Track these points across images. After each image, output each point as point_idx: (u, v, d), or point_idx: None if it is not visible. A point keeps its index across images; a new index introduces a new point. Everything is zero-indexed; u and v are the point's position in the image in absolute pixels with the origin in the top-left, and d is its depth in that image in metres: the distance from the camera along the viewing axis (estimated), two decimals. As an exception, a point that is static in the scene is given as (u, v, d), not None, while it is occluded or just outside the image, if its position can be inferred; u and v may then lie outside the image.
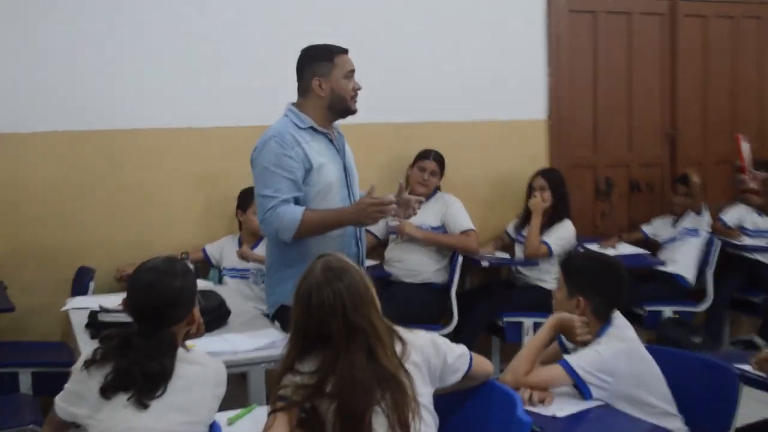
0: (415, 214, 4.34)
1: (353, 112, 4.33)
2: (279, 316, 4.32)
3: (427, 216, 6.20)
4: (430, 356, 3.01)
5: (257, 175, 4.16)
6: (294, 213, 4.04)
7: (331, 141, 4.31)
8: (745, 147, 3.30)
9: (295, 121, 4.20)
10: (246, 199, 5.87)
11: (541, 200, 6.37)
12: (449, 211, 6.26)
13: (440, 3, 6.64)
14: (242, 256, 5.85)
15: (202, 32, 5.97)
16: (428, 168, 6.27)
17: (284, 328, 4.29)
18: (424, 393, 2.94)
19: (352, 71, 4.28)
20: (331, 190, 4.22)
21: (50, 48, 5.66)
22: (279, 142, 4.09)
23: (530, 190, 6.51)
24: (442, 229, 6.28)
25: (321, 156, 4.19)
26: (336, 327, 2.80)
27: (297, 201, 4.11)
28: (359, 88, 4.30)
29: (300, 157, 4.11)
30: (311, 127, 4.22)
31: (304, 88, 4.28)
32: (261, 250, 5.80)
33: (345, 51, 4.30)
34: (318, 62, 4.24)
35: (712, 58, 7.65)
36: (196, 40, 5.96)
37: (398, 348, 2.92)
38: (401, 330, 2.99)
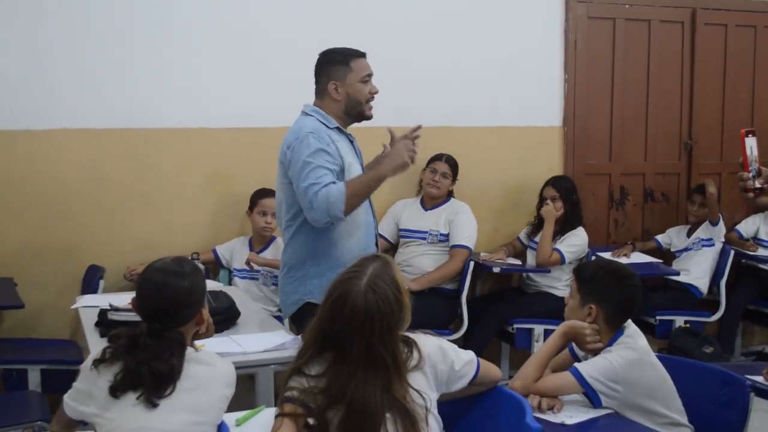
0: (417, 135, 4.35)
1: (368, 117, 4.37)
2: (301, 314, 4.27)
3: (437, 223, 6.20)
4: (437, 362, 2.98)
5: (299, 169, 4.10)
6: (338, 187, 4.03)
7: (351, 142, 4.35)
8: (750, 143, 3.20)
9: (322, 120, 4.23)
10: (254, 199, 5.88)
11: (554, 209, 6.34)
12: (455, 219, 6.25)
13: (456, 7, 6.61)
14: (250, 264, 5.81)
15: (215, 32, 5.97)
16: (440, 169, 6.26)
17: (304, 328, 4.29)
18: (429, 398, 2.91)
19: (369, 75, 4.30)
20: None
21: (62, 46, 5.66)
22: (317, 138, 4.11)
23: (541, 200, 6.48)
24: None
25: (347, 156, 4.24)
26: (357, 350, 2.75)
27: None
28: (376, 92, 4.33)
29: (335, 155, 4.15)
30: (337, 128, 4.26)
31: (320, 92, 4.32)
32: (269, 252, 5.82)
33: (362, 55, 4.32)
34: (335, 66, 4.27)
35: (732, 68, 7.60)
36: (209, 41, 5.96)
37: (415, 357, 2.90)
38: (413, 336, 2.97)
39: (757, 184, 3.22)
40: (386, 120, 5.20)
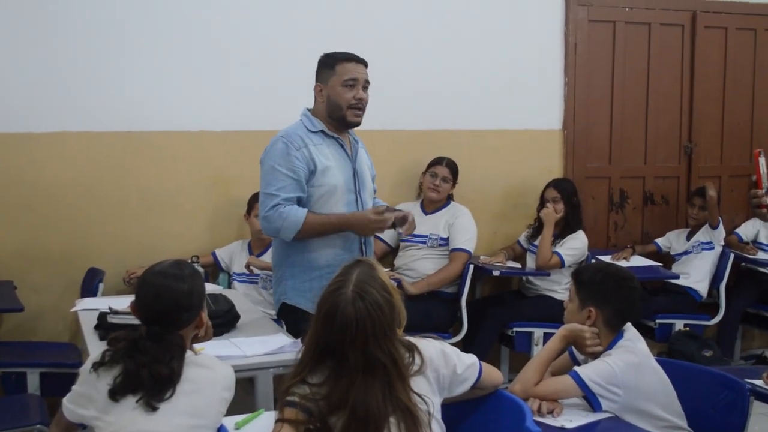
0: (413, 229, 4.44)
1: (350, 123, 4.36)
2: (281, 314, 4.45)
3: (437, 227, 6.21)
4: (439, 366, 2.97)
5: (263, 174, 4.26)
6: (297, 215, 4.13)
7: (342, 146, 4.35)
8: (763, 162, 3.33)
9: (306, 124, 4.31)
10: (251, 203, 5.89)
11: (554, 211, 6.34)
12: (454, 223, 6.24)
13: (457, 11, 6.62)
14: (249, 268, 5.83)
15: (216, 35, 5.97)
16: (440, 173, 6.26)
17: (287, 326, 4.35)
18: (432, 402, 2.90)
19: (354, 80, 4.28)
20: (335, 193, 4.29)
21: (63, 48, 5.66)
22: (286, 143, 4.20)
23: (542, 202, 6.48)
24: None
25: (327, 159, 4.28)
26: (354, 358, 2.73)
27: (299, 200, 4.21)
28: (361, 98, 4.30)
29: (305, 159, 4.20)
30: (322, 131, 4.30)
31: (314, 94, 4.38)
32: (268, 256, 5.80)
33: (353, 59, 4.32)
34: (322, 69, 4.34)
35: (731, 71, 7.61)
36: (210, 44, 5.96)
37: (417, 362, 2.89)
38: (414, 341, 2.96)
39: None
40: (386, 123, 5.23)
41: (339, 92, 4.26)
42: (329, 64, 4.30)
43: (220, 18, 5.98)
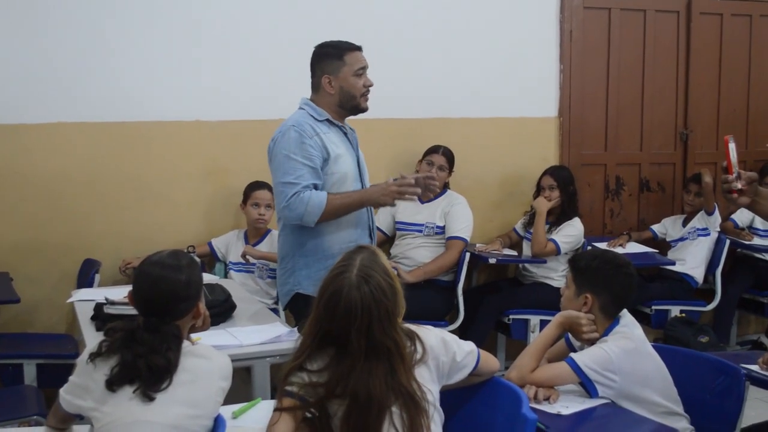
0: (437, 189, 4.41)
1: (363, 110, 4.40)
2: (293, 305, 4.38)
3: (433, 215, 6.20)
4: (440, 354, 2.98)
5: (277, 164, 4.21)
6: (320, 197, 4.11)
7: (345, 134, 4.38)
8: (732, 147, 3.39)
9: (312, 113, 4.29)
10: (247, 192, 5.89)
11: (548, 199, 6.35)
12: (450, 211, 6.24)
13: (452, -1, 6.62)
14: (245, 257, 5.82)
15: (210, 25, 5.96)
16: (436, 162, 6.25)
17: (298, 317, 4.34)
18: (432, 390, 2.91)
19: (363, 68, 4.33)
20: (346, 181, 4.29)
21: (57, 39, 5.64)
22: (298, 131, 4.17)
23: (539, 189, 6.48)
24: None
25: (337, 147, 4.28)
26: (357, 343, 2.75)
27: (316, 188, 4.19)
28: (370, 85, 4.35)
29: (318, 147, 4.19)
30: (327, 120, 4.30)
31: (315, 85, 4.36)
32: (265, 245, 5.83)
33: (357, 48, 4.34)
34: (328, 60, 4.31)
35: (727, 57, 7.59)
36: (204, 33, 5.95)
37: (419, 350, 2.90)
38: (415, 329, 2.97)
39: (739, 185, 3.36)
40: (382, 112, 5.22)
41: (352, 82, 4.29)
42: (335, 54, 4.30)
43: (214, 7, 5.96)
